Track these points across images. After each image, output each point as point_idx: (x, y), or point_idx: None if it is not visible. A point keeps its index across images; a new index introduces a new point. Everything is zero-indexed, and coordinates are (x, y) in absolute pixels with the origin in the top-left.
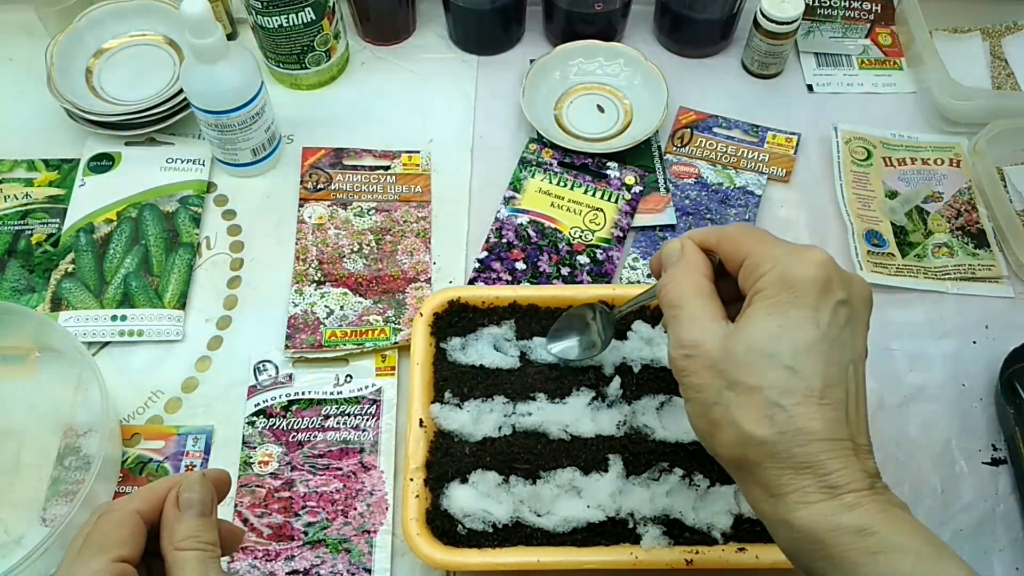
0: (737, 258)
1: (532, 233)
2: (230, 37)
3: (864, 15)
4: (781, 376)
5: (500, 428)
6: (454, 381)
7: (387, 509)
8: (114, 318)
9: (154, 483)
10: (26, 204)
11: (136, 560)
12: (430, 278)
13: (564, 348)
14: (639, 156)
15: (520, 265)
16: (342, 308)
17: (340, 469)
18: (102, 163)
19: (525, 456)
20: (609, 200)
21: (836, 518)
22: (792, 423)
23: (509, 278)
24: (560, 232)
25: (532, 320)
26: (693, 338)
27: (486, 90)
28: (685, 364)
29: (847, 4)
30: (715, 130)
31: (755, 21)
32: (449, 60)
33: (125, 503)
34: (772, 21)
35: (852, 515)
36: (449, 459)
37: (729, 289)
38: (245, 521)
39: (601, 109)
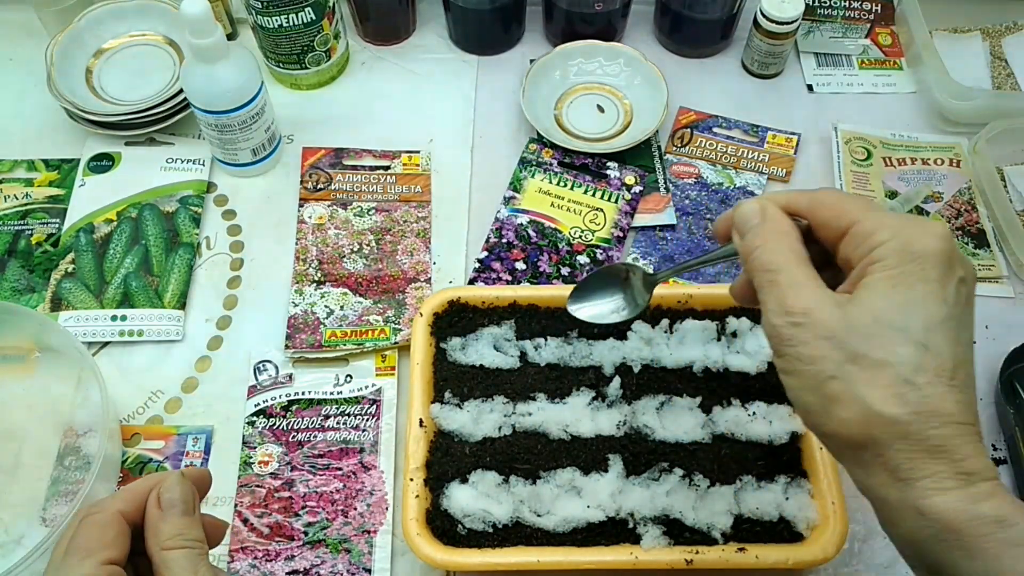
0: (839, 224)
1: (532, 233)
2: (230, 37)
3: (864, 15)
4: (913, 352)
5: (500, 428)
6: (454, 381)
7: (387, 509)
8: (114, 318)
9: (134, 483)
10: (26, 204)
11: (123, 561)
12: (430, 278)
13: (594, 311)
14: (639, 156)
15: (520, 265)
16: (342, 308)
17: (340, 469)
18: (102, 163)
19: (525, 456)
20: (609, 200)
21: (975, 507)
22: (926, 403)
23: (509, 278)
24: (560, 232)
25: (532, 320)
26: (803, 305)
27: (486, 90)
28: (792, 333)
29: (847, 4)
30: (715, 130)
31: (755, 21)
32: (449, 60)
33: (107, 504)
34: (772, 21)
35: (990, 504)
36: (449, 459)
37: (813, 257)
38: (245, 521)
39: (601, 109)
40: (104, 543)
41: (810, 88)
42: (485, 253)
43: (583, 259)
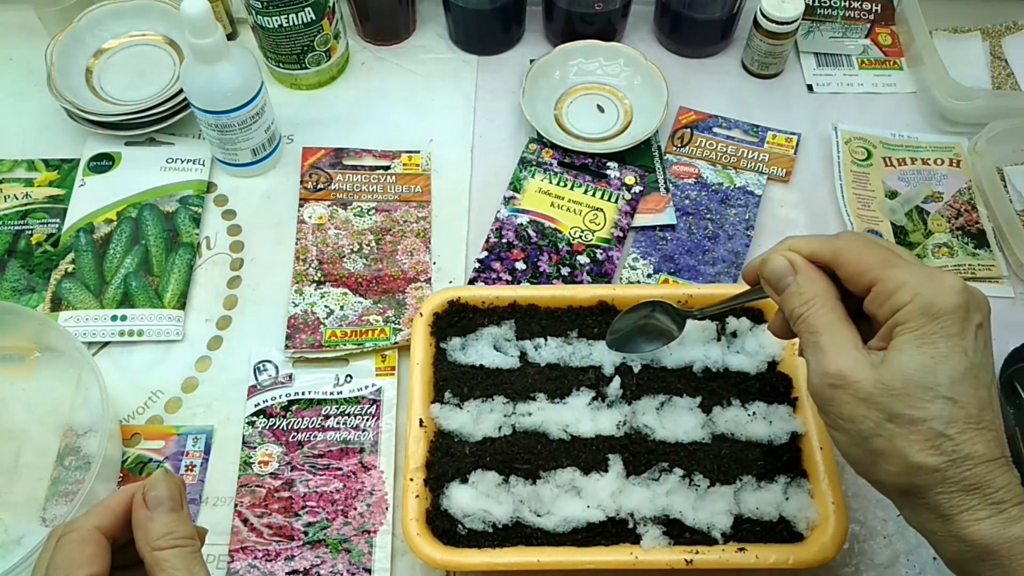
0: (861, 281)
1: (532, 233)
2: (230, 37)
3: (864, 15)
4: (942, 407)
5: (500, 428)
6: (454, 381)
7: (387, 509)
8: (114, 318)
9: (109, 497)
10: (26, 204)
11: None
12: (430, 278)
13: (635, 350)
14: (639, 156)
15: (520, 265)
16: (342, 308)
17: (340, 469)
18: (102, 163)
19: (525, 456)
20: (609, 200)
21: (1007, 530)
22: (959, 450)
23: (509, 278)
24: (560, 232)
25: (532, 320)
26: (840, 369)
27: (486, 90)
28: (832, 394)
29: (847, 4)
30: (715, 130)
31: (755, 21)
32: (449, 60)
33: (83, 521)
34: (772, 21)
35: (1020, 526)
36: (449, 459)
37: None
38: (245, 521)
39: (601, 109)
40: (83, 560)
41: (810, 88)
42: (485, 253)
43: (583, 259)
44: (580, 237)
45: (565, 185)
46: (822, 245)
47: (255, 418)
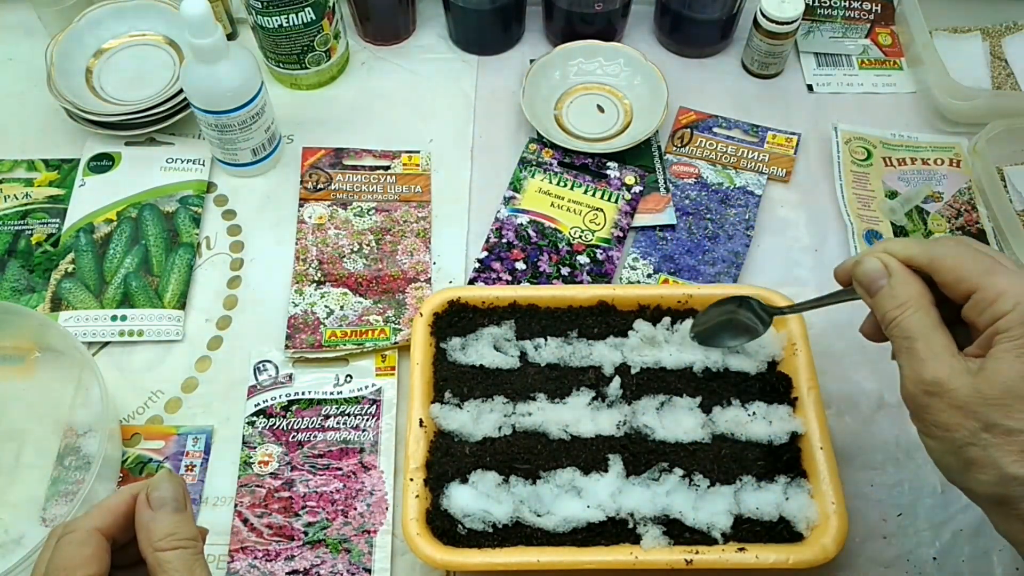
0: (960, 288)
1: (532, 233)
2: (230, 37)
3: (864, 15)
4: None
5: (500, 428)
6: (454, 381)
7: (387, 509)
8: (114, 318)
9: (109, 498)
10: (26, 204)
11: None
12: (430, 278)
13: (720, 344)
14: (639, 156)
15: (520, 265)
16: (342, 308)
17: (340, 469)
18: (102, 163)
19: (525, 456)
20: (609, 200)
21: None
22: None
23: (509, 278)
24: (560, 232)
25: (532, 320)
26: (936, 376)
27: (486, 90)
28: (928, 402)
29: (847, 4)
30: (715, 130)
31: (755, 21)
32: (449, 60)
33: (82, 522)
34: (772, 21)
35: None
36: (449, 459)
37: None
38: (245, 521)
39: (601, 109)
40: (83, 561)
41: (810, 88)
42: (485, 253)
43: (583, 259)
44: (580, 237)
45: (565, 185)
46: (920, 250)
47: (255, 418)
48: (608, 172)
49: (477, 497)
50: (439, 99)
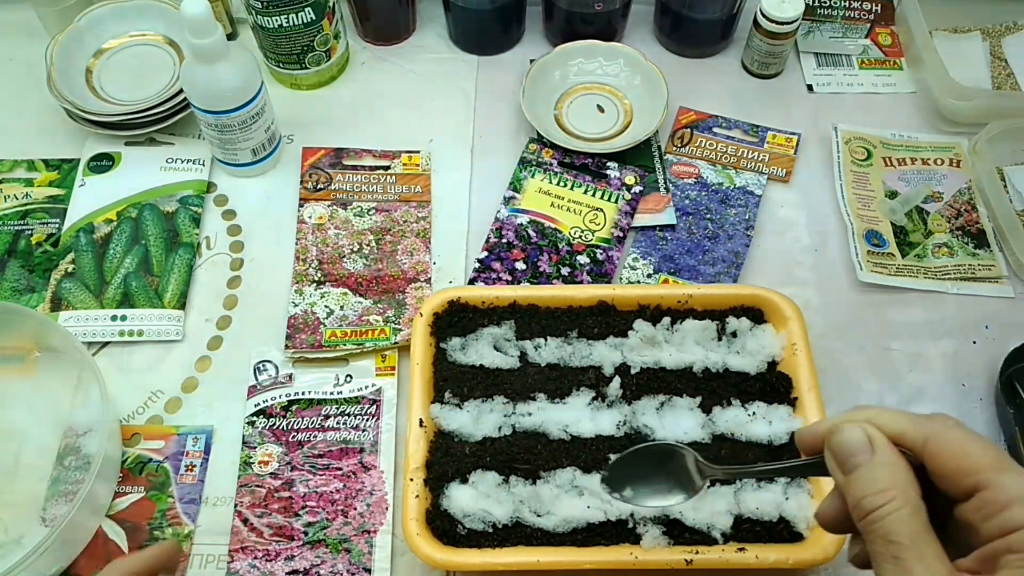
0: (962, 482)
1: (532, 233)
2: (230, 37)
3: (864, 15)
4: None
5: (500, 428)
6: (454, 381)
7: (387, 509)
8: (114, 318)
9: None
10: (26, 204)
11: None
12: (430, 278)
13: (640, 496)
14: (639, 156)
15: (520, 265)
16: (342, 308)
17: (340, 469)
18: (102, 163)
19: (525, 456)
20: (609, 200)
21: None
22: None
23: (509, 278)
24: (560, 232)
25: (532, 320)
26: None
27: (486, 90)
28: None
29: (847, 4)
30: (715, 130)
31: (755, 21)
32: (449, 60)
33: None
34: (772, 21)
35: None
36: (449, 459)
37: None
38: (245, 521)
39: (601, 109)
40: None
41: (810, 88)
42: (485, 253)
43: (583, 259)
44: (580, 237)
45: (565, 185)
46: (913, 426)
47: (255, 418)
48: (608, 172)
49: (477, 497)
50: (439, 99)
